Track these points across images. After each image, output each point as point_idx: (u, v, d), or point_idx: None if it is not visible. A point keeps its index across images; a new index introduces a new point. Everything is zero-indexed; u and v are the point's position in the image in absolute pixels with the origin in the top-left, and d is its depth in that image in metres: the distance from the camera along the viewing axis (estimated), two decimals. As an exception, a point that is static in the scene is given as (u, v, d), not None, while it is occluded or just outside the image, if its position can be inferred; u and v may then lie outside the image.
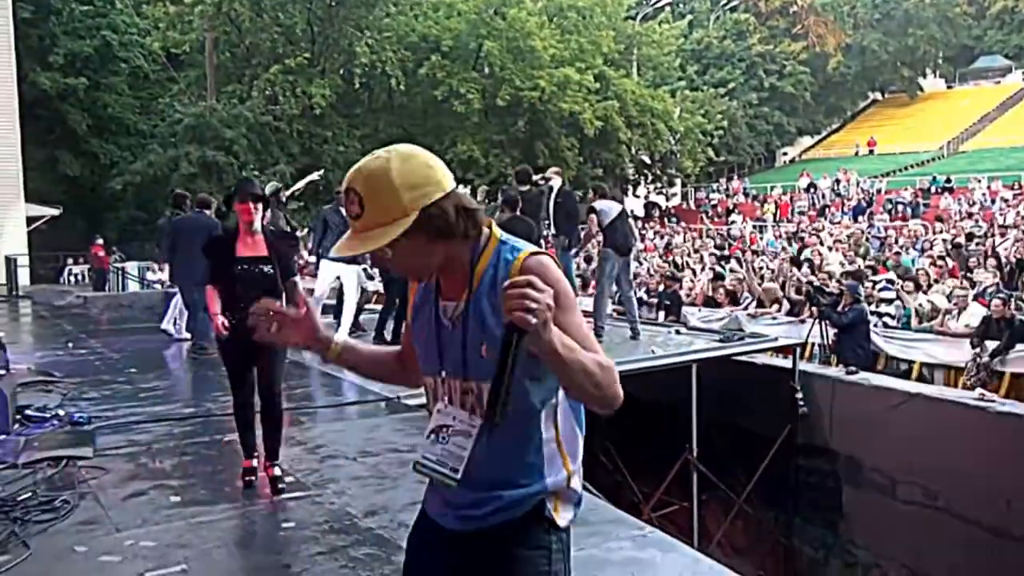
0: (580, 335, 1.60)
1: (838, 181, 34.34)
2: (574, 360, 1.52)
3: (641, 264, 16.64)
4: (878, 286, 10.94)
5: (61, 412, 6.15)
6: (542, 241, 8.83)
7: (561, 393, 1.71)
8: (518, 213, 8.27)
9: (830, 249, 16.85)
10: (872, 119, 54.39)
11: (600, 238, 9.22)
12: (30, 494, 4.33)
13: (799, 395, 8.76)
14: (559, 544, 1.75)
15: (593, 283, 14.99)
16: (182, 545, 3.73)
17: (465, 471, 1.67)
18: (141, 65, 33.10)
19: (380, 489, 4.52)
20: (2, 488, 4.42)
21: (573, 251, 9.87)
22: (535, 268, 1.62)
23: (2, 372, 6.41)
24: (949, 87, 58.32)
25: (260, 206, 4.50)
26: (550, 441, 1.73)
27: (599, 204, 9.10)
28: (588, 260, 16.47)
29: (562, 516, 1.75)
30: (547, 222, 9.32)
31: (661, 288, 13.16)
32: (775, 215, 31.14)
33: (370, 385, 6.91)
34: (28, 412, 6.02)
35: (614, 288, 9.33)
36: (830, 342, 9.71)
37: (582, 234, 9.93)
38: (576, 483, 1.79)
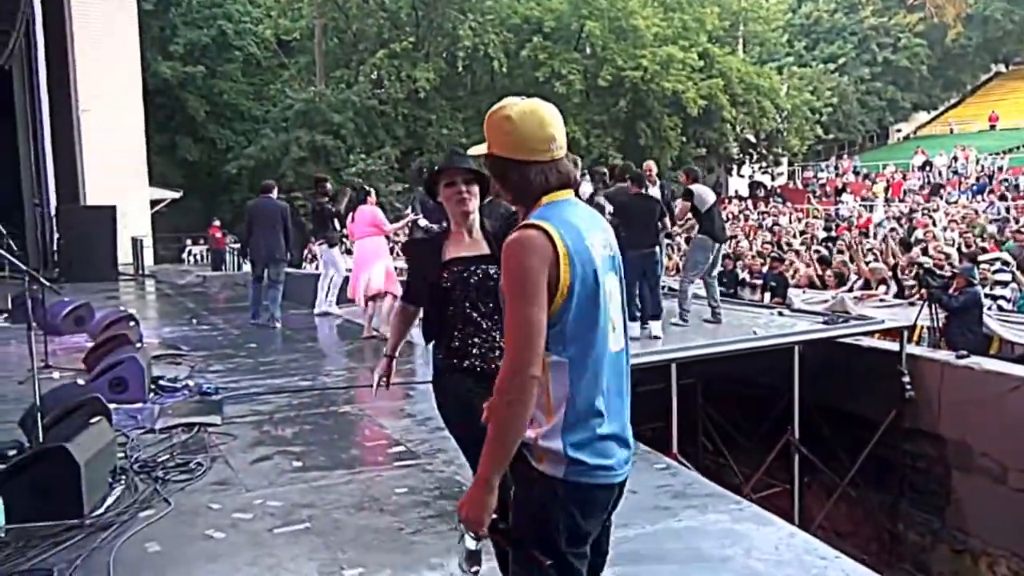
0: (511, 326, 1.84)
1: (955, 158, 32.86)
2: (495, 456, 1.85)
3: (741, 245, 16.39)
4: (993, 267, 10.55)
5: (191, 383, 6.61)
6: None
7: (552, 356, 1.89)
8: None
9: (944, 230, 16.26)
10: (994, 93, 51.58)
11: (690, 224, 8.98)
12: (168, 456, 4.73)
13: (906, 379, 8.58)
14: (551, 492, 1.90)
15: (680, 265, 14.85)
16: (305, 505, 4.03)
17: None
18: (254, 52, 34.33)
19: (486, 459, 4.73)
20: (143, 450, 4.84)
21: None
22: (504, 250, 1.90)
23: (138, 346, 6.91)
24: (1080, 57, 54.83)
25: (477, 189, 3.12)
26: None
27: (696, 188, 8.78)
28: (687, 242, 16.31)
29: (547, 466, 1.90)
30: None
31: (766, 269, 12.98)
32: (886, 194, 30.06)
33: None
34: (161, 383, 6.49)
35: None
36: (940, 325, 9.45)
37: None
38: (554, 436, 1.90)
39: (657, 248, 8.27)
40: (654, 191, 9.14)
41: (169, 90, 30.69)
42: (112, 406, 5.23)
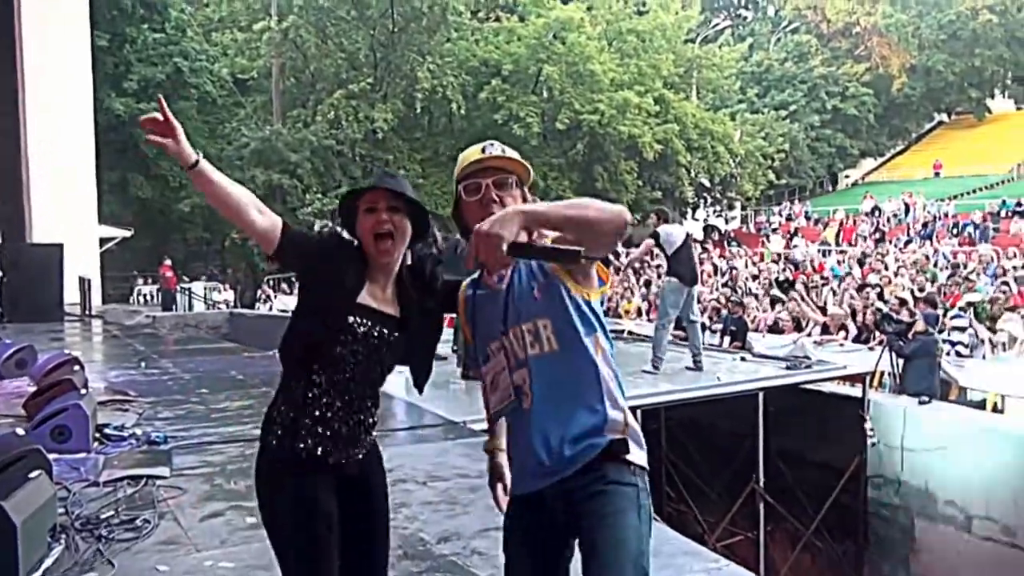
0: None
1: (904, 205, 33.66)
2: (552, 212, 1.83)
3: (702, 288, 16.47)
4: (950, 313, 10.69)
5: (138, 431, 6.30)
6: None
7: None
8: None
9: (895, 274, 16.51)
10: (938, 141, 53.25)
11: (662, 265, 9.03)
12: (112, 512, 4.45)
13: (869, 425, 8.58)
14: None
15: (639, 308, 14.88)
16: (260, 567, 3.78)
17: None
18: (210, 91, 34.02)
19: (452, 515, 4.54)
20: (85, 506, 4.55)
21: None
22: None
23: (83, 391, 6.59)
24: (1019, 108, 56.76)
25: (406, 225, 2.24)
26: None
27: (664, 229, 8.72)
28: (648, 285, 16.38)
29: (639, 456, 1.99)
30: None
31: (725, 313, 13.02)
32: (838, 239, 30.61)
33: (435, 409, 6.98)
34: (107, 431, 6.18)
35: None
36: (899, 371, 9.50)
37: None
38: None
39: None
40: None
41: (122, 127, 30.20)
42: (53, 457, 4.94)
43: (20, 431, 5.43)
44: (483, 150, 2.12)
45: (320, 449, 2.24)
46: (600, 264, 1.97)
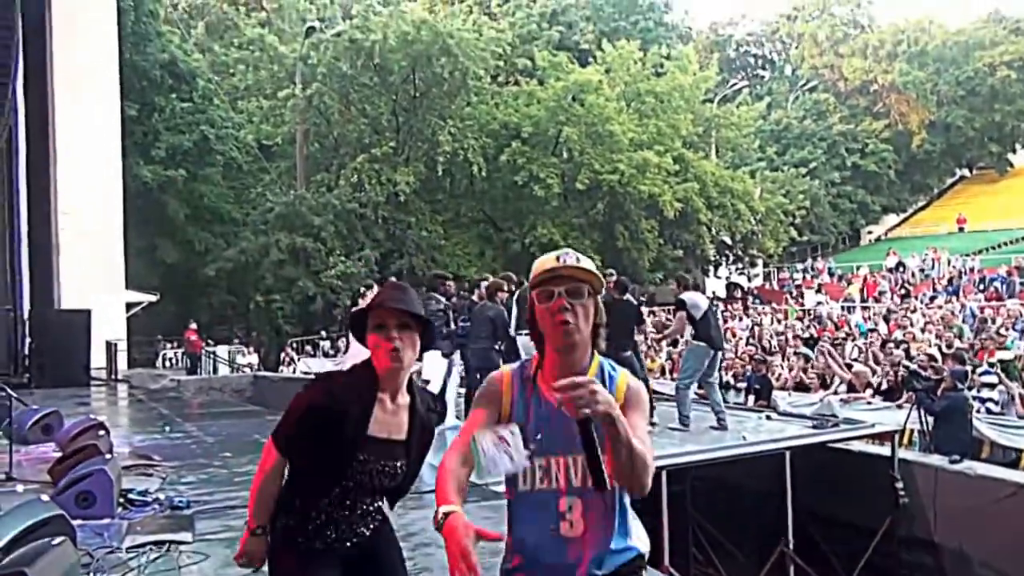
0: (641, 433, 1.98)
1: (926, 260, 33.46)
2: (626, 438, 1.87)
3: (726, 345, 16.35)
4: (979, 370, 10.53)
5: (161, 496, 6.32)
6: None
7: None
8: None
9: (922, 330, 16.35)
10: (960, 196, 53.11)
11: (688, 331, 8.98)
12: (135, 579, 4.44)
13: (899, 484, 8.41)
14: None
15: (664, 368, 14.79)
16: (281, 634, 3.75)
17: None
18: (236, 157, 34.69)
19: (474, 580, 4.48)
20: (108, 572, 4.54)
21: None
22: (634, 389, 2.15)
23: (108, 456, 6.62)
24: (1040, 162, 56.66)
25: (415, 339, 2.43)
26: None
27: (688, 297, 8.83)
28: (675, 343, 16.24)
29: None
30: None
31: (749, 371, 12.90)
32: (862, 295, 30.39)
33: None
34: (131, 496, 6.20)
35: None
36: (929, 428, 9.34)
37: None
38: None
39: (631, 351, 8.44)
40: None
41: (149, 193, 30.79)
42: (78, 522, 4.97)
43: (45, 497, 5.46)
44: (558, 259, 2.14)
45: (321, 543, 2.42)
46: None
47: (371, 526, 2.48)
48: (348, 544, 2.44)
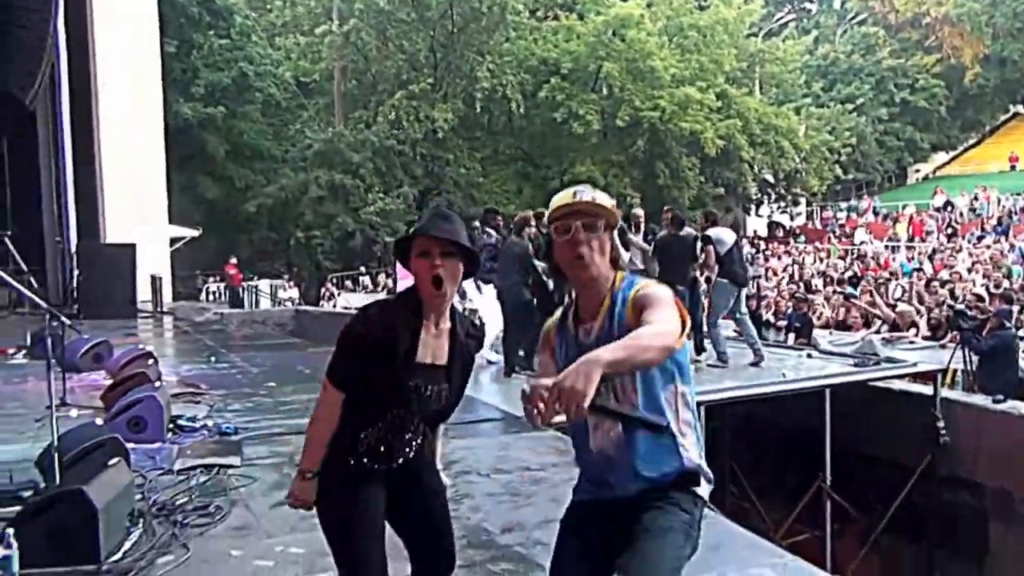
0: (659, 317, 2.01)
1: (976, 198, 32.63)
2: (625, 364, 1.88)
3: (764, 284, 16.22)
4: (1026, 309, 10.35)
5: (209, 423, 6.47)
6: None
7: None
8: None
9: (969, 271, 16.05)
10: (1014, 133, 51.40)
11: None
12: (187, 499, 4.58)
13: (941, 423, 8.35)
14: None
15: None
16: (327, 553, 3.86)
17: None
18: (274, 94, 34.62)
19: (515, 507, 4.57)
20: (161, 493, 4.69)
21: None
22: (641, 294, 2.13)
23: (157, 384, 6.79)
24: (1099, 98, 54.56)
25: (459, 267, 2.44)
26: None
27: (714, 232, 8.73)
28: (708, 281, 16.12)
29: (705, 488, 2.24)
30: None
31: (790, 309, 12.79)
32: (908, 235, 29.82)
33: (500, 404, 7.03)
34: (180, 422, 6.36)
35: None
36: (973, 369, 9.23)
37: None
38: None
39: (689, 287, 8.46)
40: (637, 237, 9.17)
41: (189, 130, 30.91)
42: (130, 446, 5.12)
43: (99, 421, 5.63)
44: (574, 194, 2.23)
45: (371, 463, 2.47)
46: (679, 304, 2.12)
47: (416, 449, 2.54)
48: (394, 465, 2.50)
